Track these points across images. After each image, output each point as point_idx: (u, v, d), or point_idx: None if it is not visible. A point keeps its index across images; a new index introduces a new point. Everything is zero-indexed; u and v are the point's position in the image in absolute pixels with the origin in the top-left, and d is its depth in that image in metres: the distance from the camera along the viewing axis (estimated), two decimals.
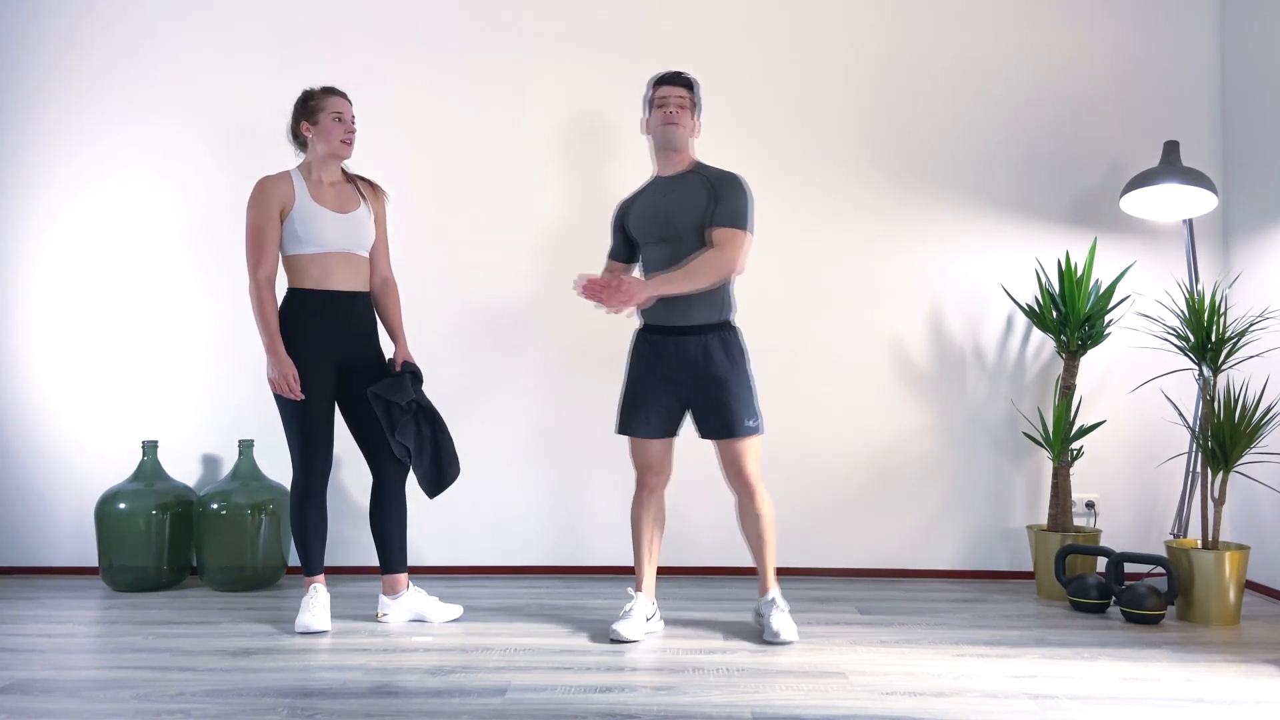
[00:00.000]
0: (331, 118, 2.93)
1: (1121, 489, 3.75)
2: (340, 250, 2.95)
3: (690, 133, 2.94)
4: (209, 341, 3.79)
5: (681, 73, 2.98)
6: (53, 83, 3.80)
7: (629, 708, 2.25)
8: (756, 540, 2.94)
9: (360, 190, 3.05)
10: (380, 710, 2.22)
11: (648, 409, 2.90)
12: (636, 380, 2.94)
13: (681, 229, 2.85)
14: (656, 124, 2.92)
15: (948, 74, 3.80)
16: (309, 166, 2.98)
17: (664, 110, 2.90)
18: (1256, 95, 3.58)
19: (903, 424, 3.77)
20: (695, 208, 2.85)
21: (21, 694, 2.33)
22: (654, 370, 2.90)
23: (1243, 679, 2.50)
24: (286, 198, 2.90)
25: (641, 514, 2.99)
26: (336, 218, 2.94)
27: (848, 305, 3.77)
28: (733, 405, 2.84)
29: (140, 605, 3.26)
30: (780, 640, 2.80)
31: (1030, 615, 3.18)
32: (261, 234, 2.89)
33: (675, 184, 2.92)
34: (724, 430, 2.85)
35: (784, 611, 2.89)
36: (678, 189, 2.90)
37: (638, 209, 2.95)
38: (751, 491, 2.89)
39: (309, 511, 2.94)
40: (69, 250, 3.80)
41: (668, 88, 2.93)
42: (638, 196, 2.99)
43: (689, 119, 2.94)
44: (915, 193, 3.79)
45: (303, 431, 2.91)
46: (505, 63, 3.80)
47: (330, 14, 3.81)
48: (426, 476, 3.04)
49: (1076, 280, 3.49)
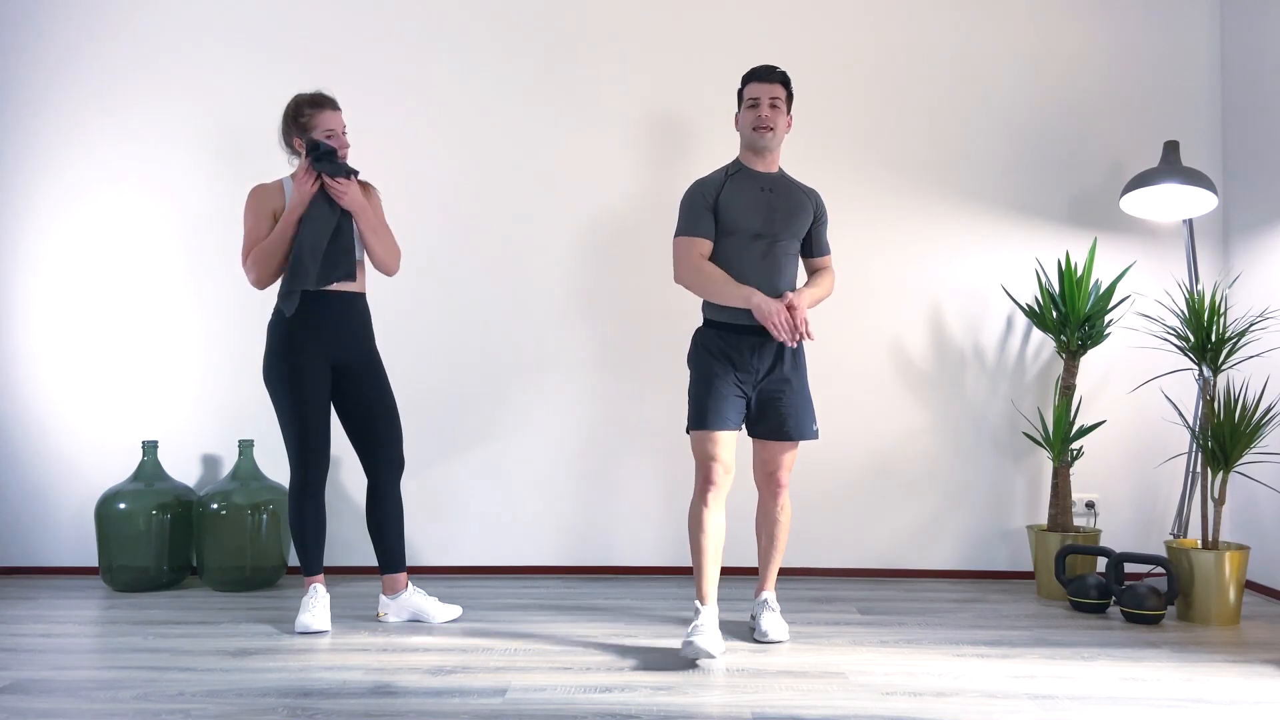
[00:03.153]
0: (323, 135, 2.93)
1: (1121, 489, 3.75)
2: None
3: (784, 131, 2.86)
4: (209, 342, 3.79)
5: (776, 68, 2.85)
6: (52, 90, 3.80)
7: (629, 708, 2.24)
8: (771, 542, 2.93)
9: None
10: (380, 710, 2.22)
11: (725, 403, 2.77)
12: (711, 375, 2.79)
13: (780, 230, 2.82)
14: (747, 125, 2.83)
15: (948, 74, 3.80)
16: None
17: (757, 112, 2.81)
18: (1256, 95, 3.58)
19: (903, 424, 3.77)
20: (801, 217, 2.86)
21: (21, 694, 2.33)
22: (729, 366, 2.79)
23: (1243, 679, 2.50)
24: (278, 205, 2.94)
25: (709, 517, 2.73)
26: None
27: (848, 305, 3.77)
28: (804, 408, 2.85)
29: (140, 605, 3.26)
30: (769, 640, 2.81)
31: (1030, 615, 3.18)
32: (257, 235, 2.93)
33: (776, 184, 2.87)
34: (793, 432, 2.83)
35: (775, 612, 2.90)
36: (780, 191, 2.86)
37: (737, 198, 2.81)
38: (780, 492, 2.90)
39: (307, 511, 2.94)
40: (69, 252, 3.80)
41: (760, 85, 2.82)
42: (729, 183, 2.84)
43: (783, 119, 2.84)
44: (915, 193, 3.79)
45: (299, 432, 2.91)
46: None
47: (331, 16, 3.81)
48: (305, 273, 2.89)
49: (1076, 280, 3.49)
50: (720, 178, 2.87)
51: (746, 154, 2.88)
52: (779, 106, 2.82)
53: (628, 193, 3.78)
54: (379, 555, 3.07)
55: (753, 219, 2.80)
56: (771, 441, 2.85)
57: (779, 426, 2.82)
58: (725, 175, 2.87)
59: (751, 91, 2.83)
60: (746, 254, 2.80)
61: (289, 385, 2.90)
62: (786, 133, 2.89)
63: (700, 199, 2.83)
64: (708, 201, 2.82)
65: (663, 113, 3.79)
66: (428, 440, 3.76)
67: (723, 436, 2.76)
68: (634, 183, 3.78)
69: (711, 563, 2.72)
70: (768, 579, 2.95)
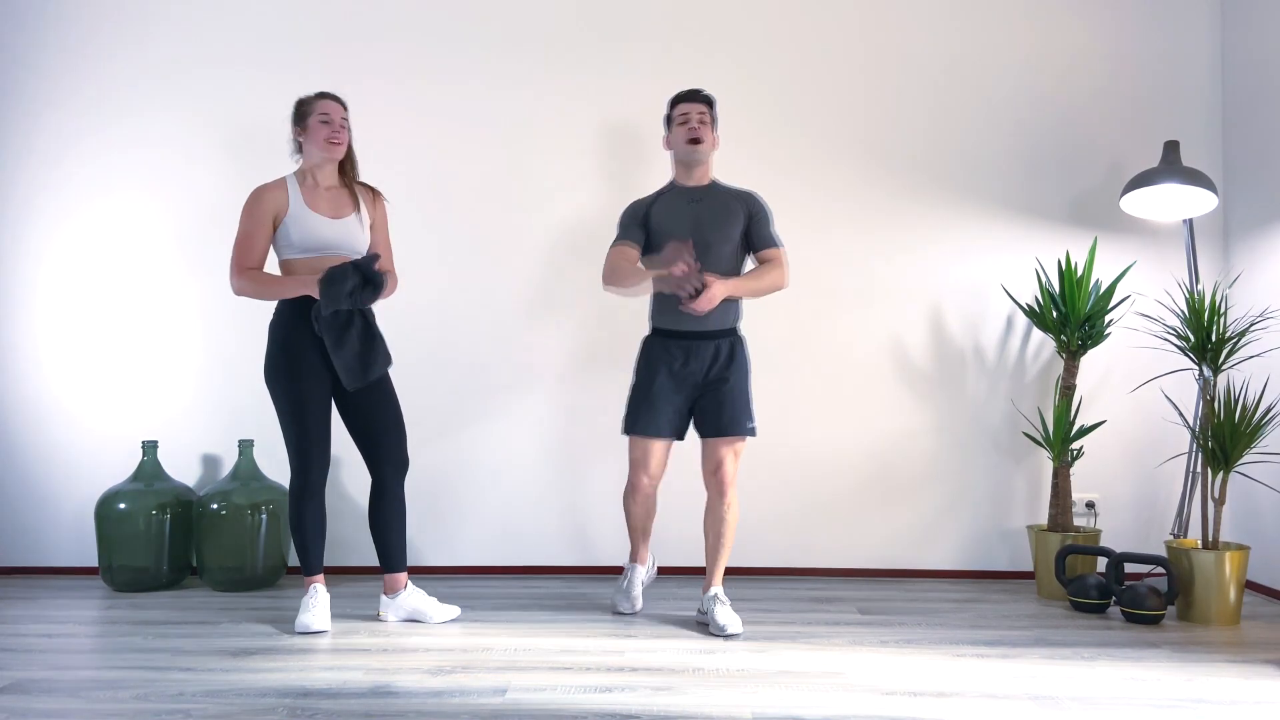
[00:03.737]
0: (319, 119, 2.95)
1: (1121, 489, 3.75)
2: (333, 254, 2.95)
3: (712, 146, 3.06)
4: (209, 342, 3.79)
5: (700, 90, 3.08)
6: (59, 91, 3.80)
7: (629, 708, 2.24)
8: (717, 539, 3.03)
9: (358, 195, 3.05)
10: (380, 710, 2.22)
11: (658, 410, 2.99)
12: (648, 381, 3.02)
13: (711, 238, 3.00)
14: (680, 140, 3.02)
15: (948, 74, 3.80)
16: (304, 172, 3.00)
17: (687, 126, 3.01)
18: (1256, 95, 3.57)
19: (903, 424, 3.77)
20: (730, 220, 3.01)
21: (21, 694, 2.33)
22: (667, 373, 3.00)
23: (1243, 679, 2.50)
24: (280, 205, 2.93)
25: (638, 510, 3.13)
26: (329, 222, 2.95)
27: (848, 305, 3.77)
28: (737, 405, 2.99)
29: (140, 605, 3.26)
30: (727, 633, 2.86)
31: (1030, 615, 3.18)
32: (250, 240, 2.92)
33: (703, 195, 3.05)
34: (727, 428, 2.97)
35: (727, 605, 2.96)
36: (706, 200, 3.04)
37: (665, 213, 3.03)
38: (725, 490, 3.01)
39: (307, 511, 2.94)
40: (70, 252, 3.80)
41: (688, 104, 3.04)
42: (659, 200, 3.07)
43: (710, 134, 3.04)
44: (915, 193, 3.79)
45: (300, 432, 2.91)
46: (517, 63, 3.80)
47: (331, 19, 3.81)
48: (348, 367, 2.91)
49: (1076, 280, 3.49)
50: (651, 197, 3.10)
51: (679, 170, 3.08)
52: (706, 122, 3.03)
53: (613, 194, 3.78)
54: (380, 555, 3.07)
55: (680, 228, 3.00)
56: (710, 439, 3.00)
57: (714, 419, 2.98)
58: (657, 194, 3.09)
59: (680, 110, 3.04)
60: None
61: (290, 385, 2.90)
62: (715, 148, 3.08)
63: (632, 214, 3.07)
64: (638, 217, 3.06)
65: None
66: (427, 440, 3.76)
67: (653, 444, 3.02)
68: (618, 187, 3.78)
69: (640, 532, 3.16)
70: (715, 575, 3.03)
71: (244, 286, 2.92)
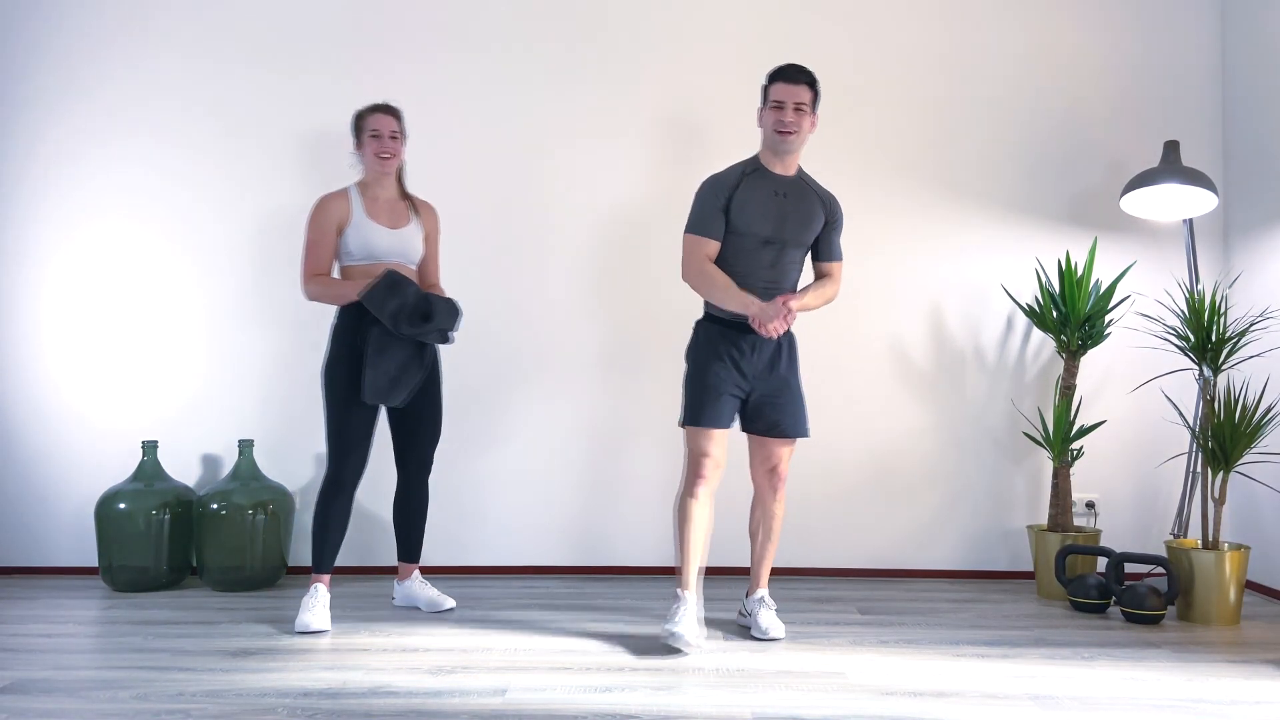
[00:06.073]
0: (370, 134, 3.04)
1: (1121, 489, 3.75)
2: (390, 260, 3.06)
3: (807, 134, 2.81)
4: (209, 342, 3.79)
5: (805, 70, 2.79)
6: (64, 91, 3.79)
7: (629, 708, 2.24)
8: (766, 538, 2.95)
9: (415, 207, 3.16)
10: (380, 710, 2.22)
11: (720, 399, 2.79)
12: (707, 370, 2.81)
13: (790, 237, 2.82)
14: (770, 126, 2.78)
15: (948, 74, 3.80)
16: (364, 184, 3.11)
17: (780, 114, 2.76)
18: (1256, 95, 3.57)
19: (903, 424, 3.77)
20: (811, 223, 2.85)
21: (21, 694, 2.33)
22: (726, 362, 2.81)
23: (1243, 679, 2.50)
24: (343, 214, 3.04)
25: (697, 510, 2.78)
26: (387, 232, 3.05)
27: (848, 305, 3.77)
28: (800, 406, 2.89)
29: (140, 605, 3.26)
30: (769, 637, 2.82)
31: (1030, 615, 3.18)
32: (316, 248, 3.03)
33: (790, 189, 2.83)
34: (790, 430, 2.86)
35: (772, 610, 2.91)
36: (793, 196, 2.83)
37: (750, 201, 2.78)
38: (780, 487, 2.93)
39: (333, 506, 3.00)
40: (70, 253, 3.80)
41: (787, 87, 2.76)
42: (744, 183, 2.80)
43: (807, 122, 2.79)
44: (915, 193, 3.79)
45: (340, 432, 2.98)
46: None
47: (338, 21, 3.81)
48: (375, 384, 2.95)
49: (1076, 280, 3.49)
50: (736, 177, 2.82)
51: (766, 153, 2.84)
52: (803, 110, 2.77)
53: (638, 192, 3.78)
54: (399, 545, 3.24)
55: (763, 224, 2.79)
56: (772, 439, 2.87)
57: (776, 424, 2.85)
58: (741, 175, 2.82)
59: (776, 93, 2.77)
60: (754, 258, 2.81)
61: (341, 389, 2.98)
62: (811, 133, 2.84)
63: (713, 198, 2.80)
64: (720, 201, 2.79)
65: (673, 112, 3.79)
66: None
67: (716, 434, 2.79)
68: (646, 182, 3.78)
69: (696, 553, 2.77)
70: (761, 576, 2.97)
71: (313, 291, 3.03)
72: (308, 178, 3.77)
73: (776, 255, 2.81)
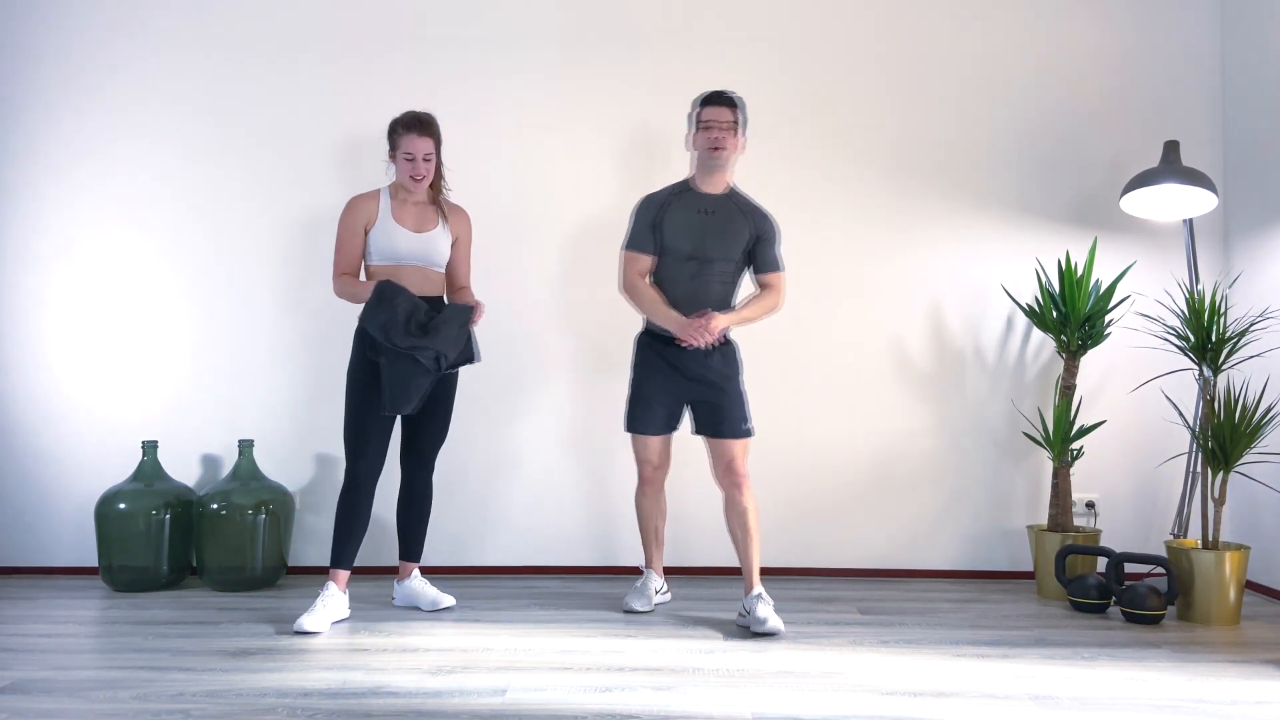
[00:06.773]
0: (404, 156, 3.07)
1: (1121, 489, 3.75)
2: (412, 264, 3.10)
3: (735, 152, 3.03)
4: (209, 342, 3.79)
5: (726, 93, 3.04)
6: (66, 92, 3.80)
7: (629, 708, 2.25)
8: (744, 534, 3.02)
9: (444, 212, 3.19)
10: (380, 710, 2.22)
11: (653, 409, 3.08)
12: (643, 382, 3.10)
13: (714, 254, 3.03)
14: (702, 146, 3.02)
15: (948, 74, 3.80)
16: (396, 186, 3.15)
17: (710, 134, 2.99)
18: (1256, 95, 3.58)
19: (903, 424, 3.77)
20: (734, 241, 3.04)
21: (21, 694, 2.33)
22: (660, 373, 3.07)
23: (1243, 679, 2.50)
24: (370, 215, 3.10)
25: (646, 504, 3.24)
26: (411, 235, 3.09)
27: (848, 305, 3.77)
28: (733, 409, 3.03)
29: (140, 605, 3.26)
30: (767, 629, 2.84)
31: (1030, 615, 3.18)
32: (344, 246, 3.10)
33: (715, 206, 3.05)
34: (726, 431, 3.02)
35: (770, 604, 2.93)
36: (718, 214, 3.03)
37: (675, 220, 3.03)
38: (741, 484, 3.03)
39: (347, 504, 3.05)
40: (70, 253, 3.80)
41: (713, 109, 3.00)
42: (672, 202, 3.06)
43: (734, 140, 3.01)
44: (915, 192, 3.79)
45: (357, 434, 3.03)
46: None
47: (333, 22, 3.81)
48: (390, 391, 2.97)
49: (1076, 280, 3.49)
50: (666, 196, 3.08)
51: (699, 172, 3.08)
52: (731, 130, 3.00)
53: (629, 194, 3.78)
54: (400, 543, 3.27)
55: (685, 241, 3.02)
56: (718, 440, 3.04)
57: (714, 423, 3.04)
58: (671, 195, 3.08)
59: (705, 115, 3.01)
60: (678, 273, 3.04)
61: (361, 391, 3.03)
62: (739, 154, 3.07)
63: (645, 215, 3.07)
64: (649, 218, 3.06)
65: (650, 121, 3.79)
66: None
67: (651, 440, 3.12)
68: (634, 186, 3.78)
69: (649, 538, 3.27)
70: (754, 574, 3.01)
71: (338, 289, 3.10)
72: (308, 179, 3.77)
73: (698, 270, 3.02)
